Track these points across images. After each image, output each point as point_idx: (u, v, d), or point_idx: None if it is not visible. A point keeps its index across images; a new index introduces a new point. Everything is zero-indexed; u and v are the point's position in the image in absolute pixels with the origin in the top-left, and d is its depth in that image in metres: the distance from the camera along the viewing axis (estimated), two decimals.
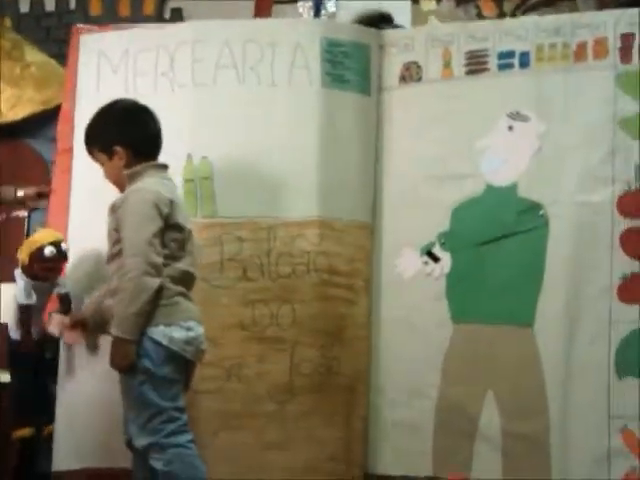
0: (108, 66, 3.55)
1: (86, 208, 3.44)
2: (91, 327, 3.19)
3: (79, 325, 3.21)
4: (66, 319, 3.23)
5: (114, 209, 2.92)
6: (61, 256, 3.30)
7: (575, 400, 3.12)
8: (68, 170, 3.53)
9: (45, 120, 4.19)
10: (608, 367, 3.09)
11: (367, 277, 3.43)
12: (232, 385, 3.31)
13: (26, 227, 4.00)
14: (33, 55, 4.42)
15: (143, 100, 3.11)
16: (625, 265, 3.12)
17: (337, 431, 3.33)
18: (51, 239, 3.30)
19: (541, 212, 3.23)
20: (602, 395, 3.09)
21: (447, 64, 3.44)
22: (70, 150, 3.52)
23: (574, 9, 4.20)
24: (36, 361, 3.46)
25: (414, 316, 3.36)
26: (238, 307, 3.34)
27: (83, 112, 3.44)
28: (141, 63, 3.51)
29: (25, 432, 3.42)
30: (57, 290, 3.36)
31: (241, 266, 3.36)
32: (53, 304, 3.38)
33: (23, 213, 4.04)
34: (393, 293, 3.42)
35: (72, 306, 3.31)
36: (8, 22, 4.79)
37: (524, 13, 4.36)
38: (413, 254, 3.40)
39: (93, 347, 3.31)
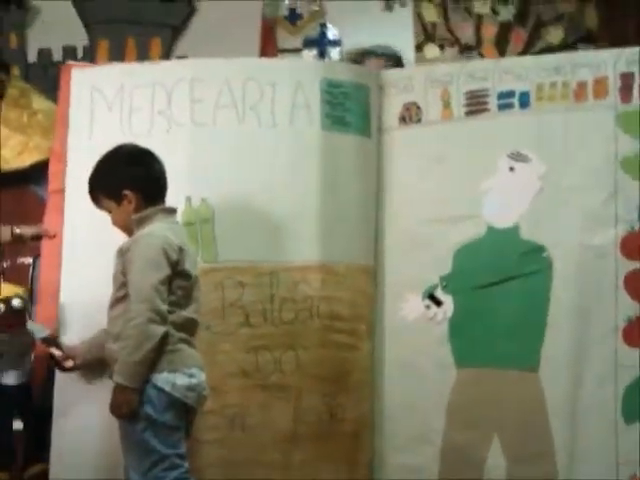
0: (102, 102, 3.42)
1: (80, 251, 3.36)
2: (82, 365, 3.16)
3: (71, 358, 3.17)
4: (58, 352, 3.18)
5: (122, 253, 2.90)
6: (11, 313, 3.21)
7: (582, 446, 3.08)
8: (60, 211, 3.43)
9: None
10: (615, 412, 3.06)
11: (369, 321, 3.40)
12: (236, 434, 3.26)
13: (31, 273, 3.95)
14: (40, 103, 4.46)
15: (139, 140, 3.07)
16: (629, 308, 3.09)
17: (342, 478, 3.29)
18: (2, 295, 3.23)
19: (544, 254, 3.20)
20: (610, 441, 3.05)
21: (447, 105, 3.42)
22: (62, 191, 3.43)
23: None
24: (22, 406, 3.41)
25: (418, 360, 3.33)
26: (240, 353, 3.29)
27: (76, 151, 3.40)
28: (137, 100, 3.40)
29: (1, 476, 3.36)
30: (37, 337, 3.24)
31: (243, 312, 3.31)
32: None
33: (28, 260, 4.02)
34: (396, 336, 3.39)
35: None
36: (16, 71, 4.82)
37: None
38: (416, 298, 3.37)
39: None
